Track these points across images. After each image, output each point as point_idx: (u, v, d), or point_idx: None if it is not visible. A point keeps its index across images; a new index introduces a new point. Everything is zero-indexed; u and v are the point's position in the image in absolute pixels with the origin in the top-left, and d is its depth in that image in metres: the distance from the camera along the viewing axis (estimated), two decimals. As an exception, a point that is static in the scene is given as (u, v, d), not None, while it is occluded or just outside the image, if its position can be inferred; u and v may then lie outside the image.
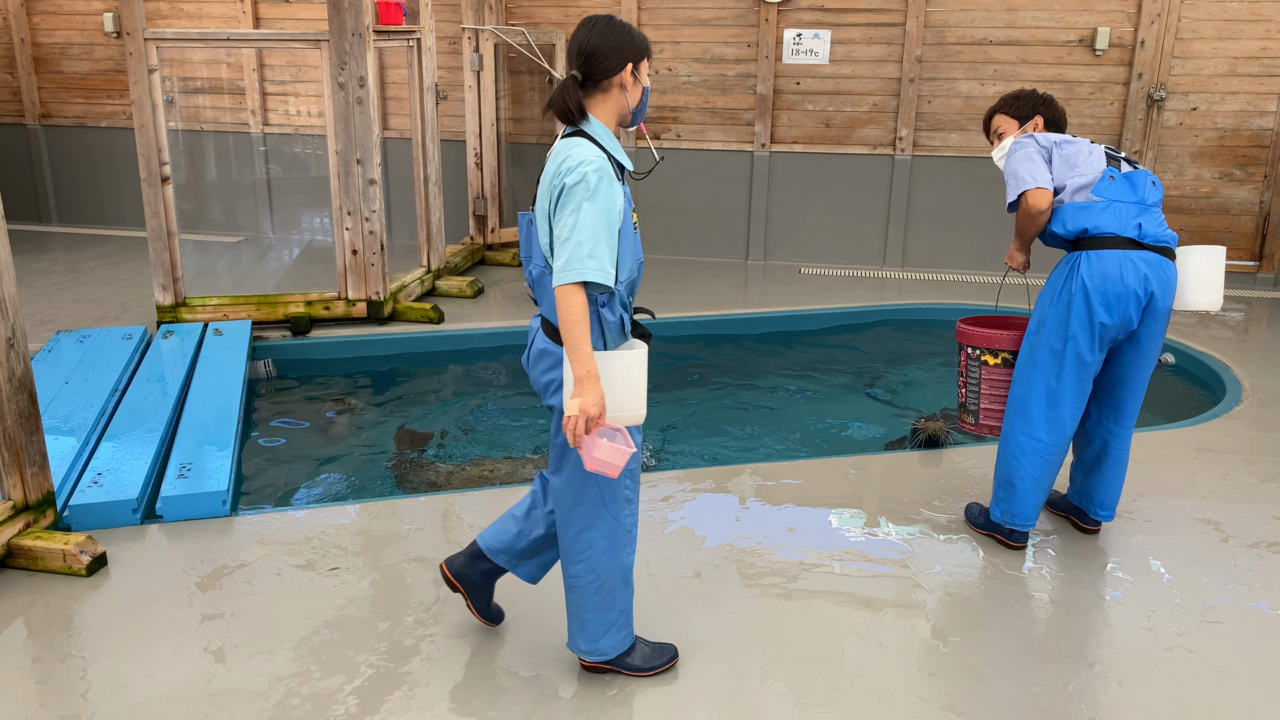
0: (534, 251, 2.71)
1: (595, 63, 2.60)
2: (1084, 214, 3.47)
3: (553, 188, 2.56)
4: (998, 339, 3.74)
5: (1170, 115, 7.70)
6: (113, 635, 3.17)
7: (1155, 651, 3.14)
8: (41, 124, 9.49)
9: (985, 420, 3.84)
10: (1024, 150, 3.56)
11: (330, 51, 5.90)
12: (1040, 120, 3.80)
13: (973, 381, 3.84)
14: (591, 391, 2.47)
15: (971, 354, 3.81)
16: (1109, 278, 3.42)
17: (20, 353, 3.58)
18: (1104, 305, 3.43)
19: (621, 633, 2.93)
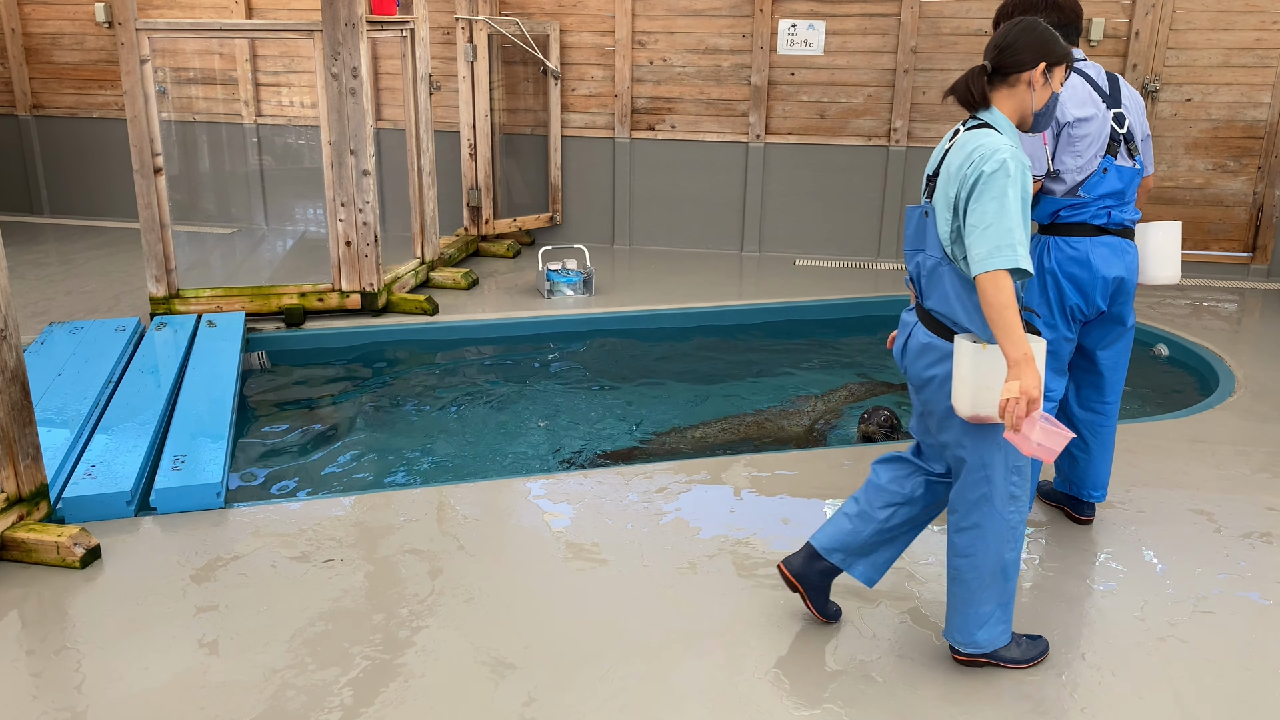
0: (927, 242, 2.73)
1: (1008, 56, 2.68)
2: (1063, 210, 3.48)
3: (964, 177, 2.59)
4: None
5: (1164, 106, 7.70)
6: (107, 628, 3.17)
7: (1148, 641, 3.15)
8: (33, 114, 9.45)
9: None
10: None
11: (323, 42, 5.88)
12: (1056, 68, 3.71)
13: None
14: (1030, 374, 2.47)
15: None
16: (1079, 263, 3.46)
17: (12, 344, 3.57)
18: (1073, 290, 3.48)
19: (999, 627, 2.92)
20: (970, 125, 2.70)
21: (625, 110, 8.41)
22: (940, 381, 2.75)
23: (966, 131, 2.69)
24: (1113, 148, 3.46)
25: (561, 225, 8.78)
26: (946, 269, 2.70)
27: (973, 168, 2.57)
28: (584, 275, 7.06)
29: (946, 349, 2.72)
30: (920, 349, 2.80)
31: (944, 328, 2.74)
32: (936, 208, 2.70)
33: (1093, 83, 3.45)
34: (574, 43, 8.41)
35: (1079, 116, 3.41)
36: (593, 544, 3.70)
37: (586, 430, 5.24)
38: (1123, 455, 4.53)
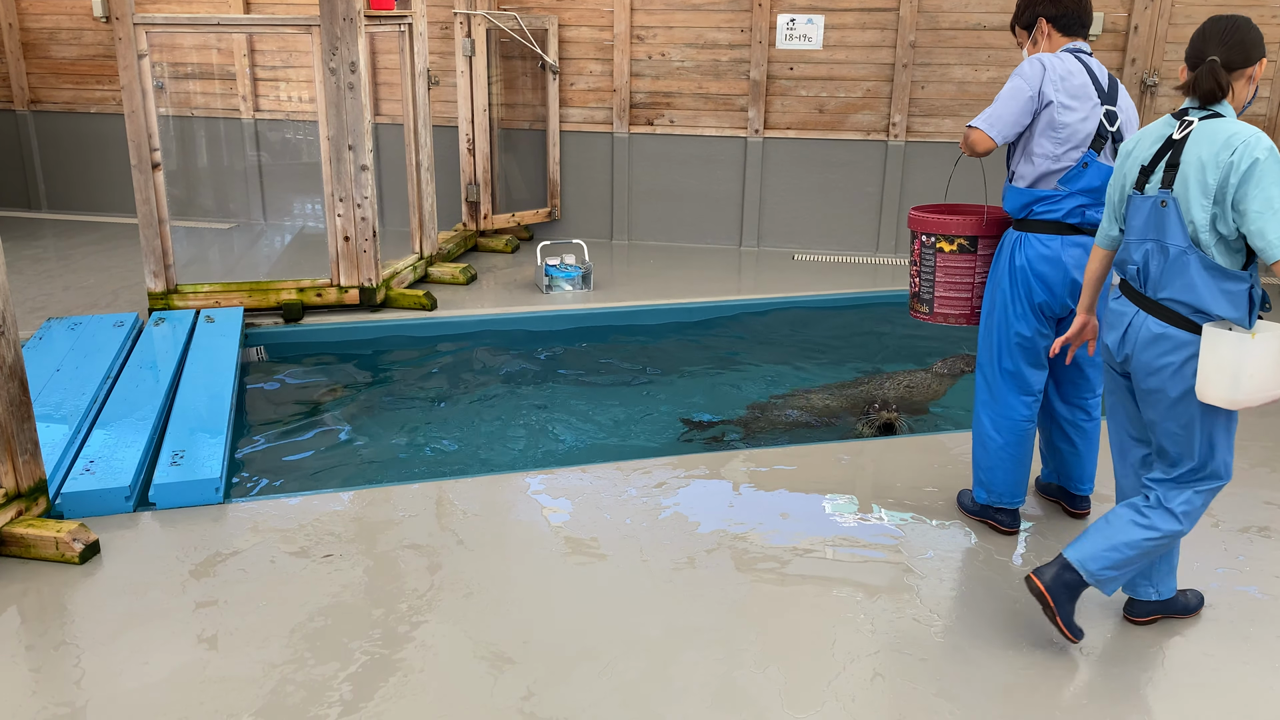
0: (1167, 232, 2.80)
1: (1240, 52, 2.78)
2: (1037, 203, 3.44)
3: (1230, 164, 2.67)
4: (952, 224, 3.63)
5: (1164, 101, 7.70)
6: (106, 623, 3.17)
7: (1146, 635, 3.15)
8: (31, 110, 9.43)
9: (940, 309, 3.73)
10: (1016, 85, 3.36)
11: (321, 36, 5.87)
12: (1045, 23, 3.51)
13: (927, 270, 3.71)
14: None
15: (926, 241, 3.68)
16: (1050, 261, 3.43)
17: (11, 340, 3.57)
18: (1042, 287, 3.46)
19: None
20: (1203, 116, 2.79)
21: (624, 105, 8.40)
22: (1175, 369, 2.83)
23: (1203, 122, 2.77)
24: (1098, 143, 3.39)
25: (560, 220, 8.77)
26: (1193, 257, 2.75)
27: (1239, 155, 2.66)
28: (582, 270, 7.06)
29: (1183, 338, 2.80)
30: (1152, 339, 2.86)
31: (1179, 318, 2.80)
32: (1186, 197, 2.75)
33: (1093, 76, 3.41)
34: (572, 37, 8.40)
35: (1065, 103, 3.33)
36: (591, 539, 3.71)
37: (586, 427, 5.24)
38: (1121, 450, 4.53)
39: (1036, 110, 3.35)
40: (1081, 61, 3.42)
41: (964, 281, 3.68)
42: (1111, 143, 3.41)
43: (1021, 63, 3.40)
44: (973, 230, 3.62)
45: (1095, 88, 3.39)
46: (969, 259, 3.64)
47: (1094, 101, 3.37)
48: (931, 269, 3.70)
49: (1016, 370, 3.61)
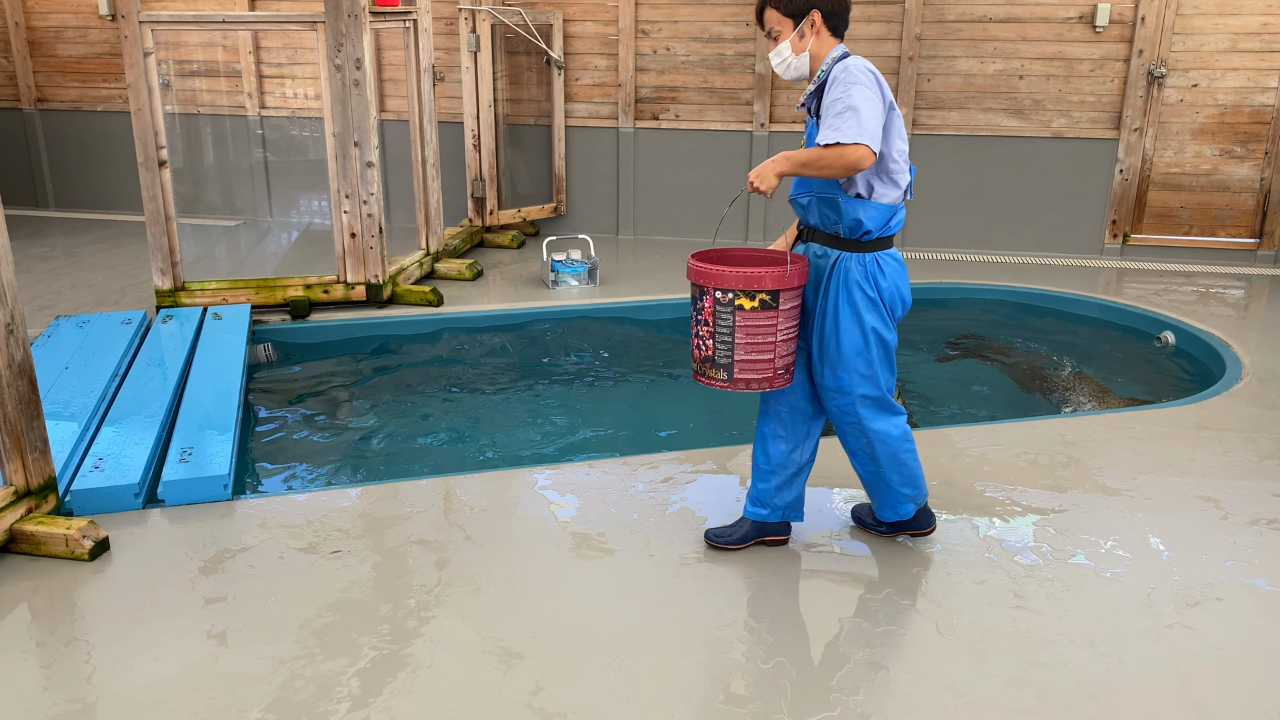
0: None
1: None
2: (894, 217, 3.19)
3: None
4: (763, 278, 3.11)
5: (1171, 92, 7.67)
6: (116, 619, 3.18)
7: (1155, 629, 3.15)
8: (37, 108, 9.45)
9: (743, 374, 3.23)
10: (866, 94, 2.96)
11: (326, 33, 5.87)
12: (818, 17, 3.14)
13: (724, 330, 3.18)
14: None
15: (723, 298, 3.15)
16: (902, 276, 3.28)
17: (20, 338, 3.58)
18: (903, 304, 3.31)
19: None
20: None
21: (629, 100, 8.39)
22: None
23: None
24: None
25: (566, 215, 8.77)
26: None
27: None
28: (588, 266, 7.06)
29: None
30: None
31: None
32: None
33: None
34: (577, 32, 8.39)
35: (895, 107, 3.09)
36: (599, 534, 3.71)
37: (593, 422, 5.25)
38: (1128, 442, 4.53)
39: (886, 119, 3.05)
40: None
41: (767, 342, 3.19)
42: None
43: (845, 70, 3.00)
44: (778, 284, 3.11)
45: None
46: (771, 316, 3.14)
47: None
48: (729, 329, 3.17)
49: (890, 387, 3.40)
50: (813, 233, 3.30)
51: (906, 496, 3.51)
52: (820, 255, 3.28)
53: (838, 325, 3.25)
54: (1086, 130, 7.83)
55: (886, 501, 3.53)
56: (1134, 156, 7.78)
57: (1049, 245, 8.07)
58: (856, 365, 3.28)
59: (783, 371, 3.26)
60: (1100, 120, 7.81)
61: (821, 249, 3.27)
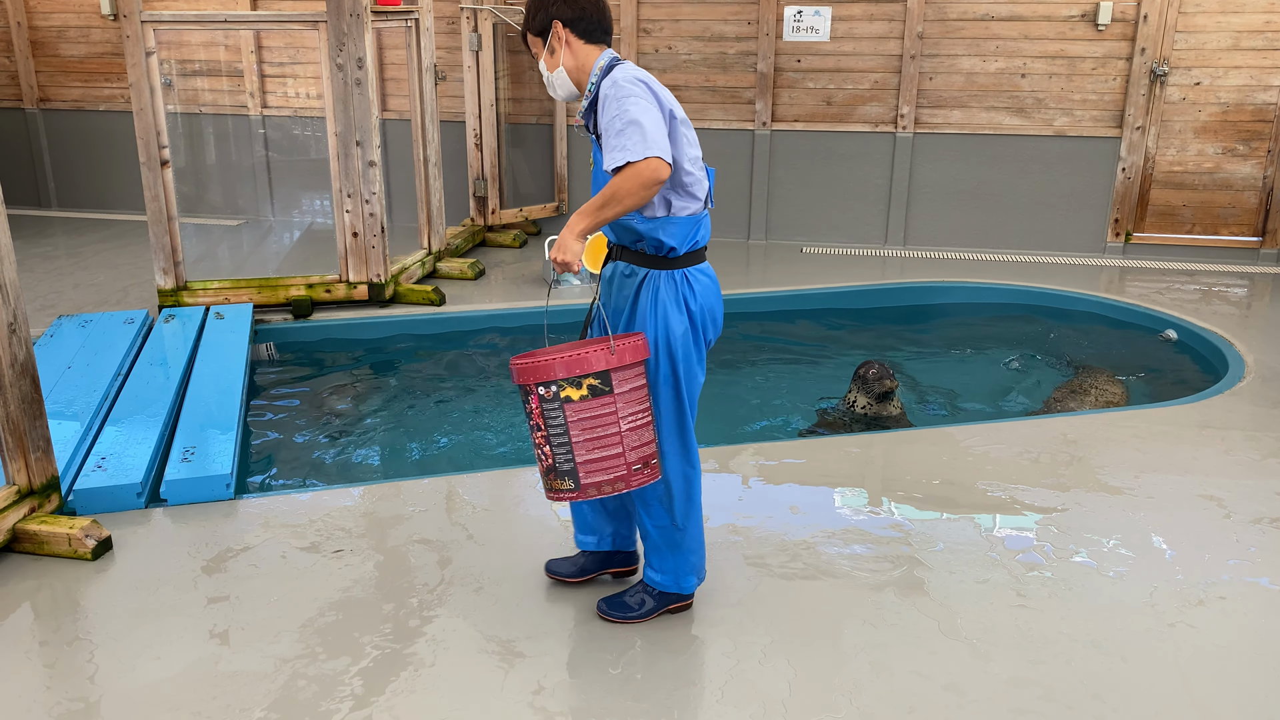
0: None
1: None
2: (697, 229, 2.94)
3: None
4: (586, 360, 2.70)
5: (1173, 90, 7.66)
6: (119, 618, 3.19)
7: (1158, 628, 3.15)
8: (40, 108, 9.46)
9: (587, 479, 2.77)
10: (640, 104, 2.68)
11: (328, 33, 5.87)
12: (560, 28, 2.87)
13: (557, 431, 2.74)
14: None
15: (546, 394, 2.72)
16: (714, 293, 3.01)
17: (22, 338, 3.58)
18: (714, 324, 3.04)
19: None
20: None
21: (631, 99, 8.38)
22: None
23: None
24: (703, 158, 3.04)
25: (568, 214, 8.77)
26: None
27: None
28: (591, 265, 7.05)
29: None
30: None
31: None
32: None
33: None
34: (579, 31, 8.38)
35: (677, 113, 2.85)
36: (601, 533, 3.71)
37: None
38: (1131, 441, 4.52)
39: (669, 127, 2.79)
40: None
41: (610, 435, 2.75)
42: None
43: (614, 85, 2.74)
44: (604, 364, 2.72)
45: None
46: (607, 402, 2.73)
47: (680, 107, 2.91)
48: (562, 428, 2.74)
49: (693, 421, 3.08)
50: (621, 251, 2.99)
51: (692, 567, 3.13)
52: (628, 274, 2.98)
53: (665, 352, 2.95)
54: (1089, 129, 7.82)
55: (672, 568, 3.12)
56: (1136, 155, 7.77)
57: (1051, 244, 8.06)
58: (663, 397, 2.97)
59: (639, 466, 2.80)
60: (1102, 119, 7.80)
61: (629, 267, 2.97)
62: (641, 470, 2.82)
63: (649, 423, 2.85)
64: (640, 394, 2.82)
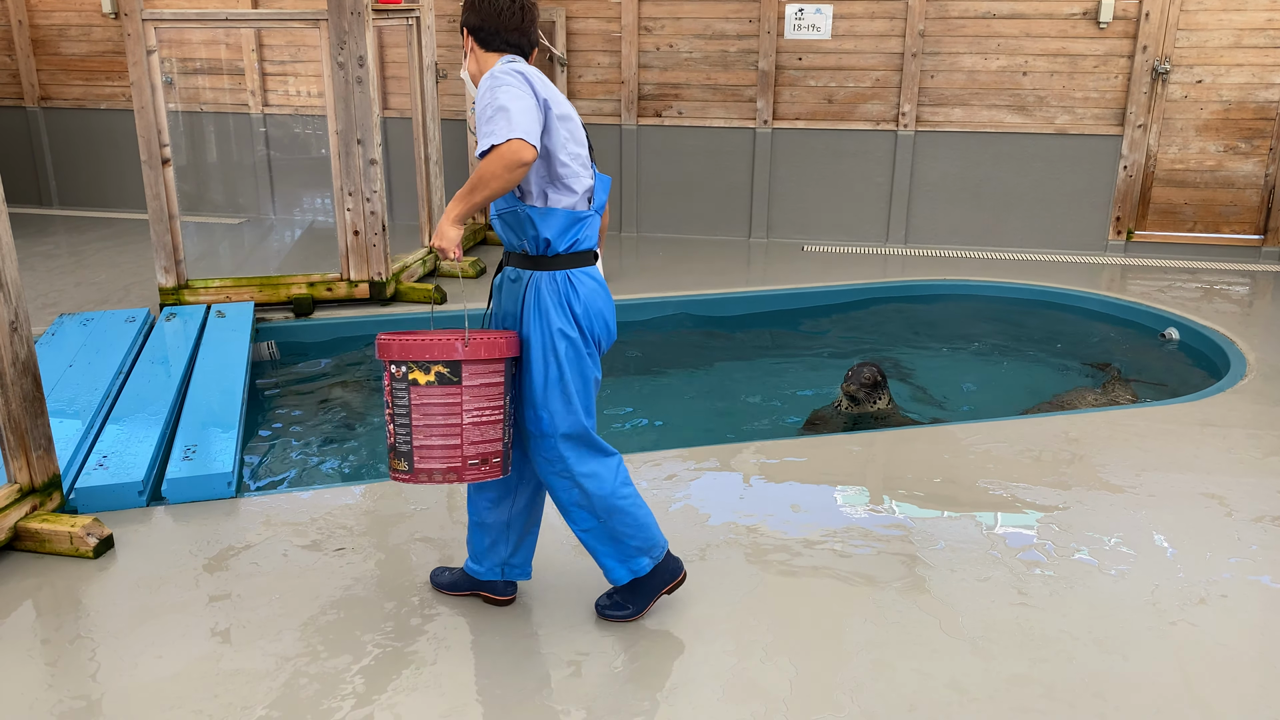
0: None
1: None
2: (577, 226, 2.89)
3: None
4: (433, 347, 2.74)
5: (1175, 88, 7.65)
6: (121, 617, 3.19)
7: (1159, 626, 3.14)
8: (41, 106, 9.46)
9: (421, 464, 2.79)
10: (513, 92, 2.71)
11: (329, 31, 5.87)
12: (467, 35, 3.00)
13: (401, 411, 2.78)
14: None
15: (397, 373, 2.77)
16: (601, 298, 2.96)
17: (24, 336, 3.58)
18: (604, 328, 3.00)
19: None
20: None
21: (632, 97, 8.38)
22: None
23: None
24: (592, 154, 3.00)
25: (569, 213, 8.76)
26: None
27: None
28: (592, 263, 7.05)
29: None
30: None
31: None
32: None
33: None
34: (580, 29, 8.38)
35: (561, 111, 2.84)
36: (602, 531, 3.71)
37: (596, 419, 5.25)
38: (1132, 439, 4.52)
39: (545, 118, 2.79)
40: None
41: (449, 425, 2.78)
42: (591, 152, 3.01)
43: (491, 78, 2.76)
44: (450, 355, 2.75)
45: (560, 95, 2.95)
46: (453, 393, 2.76)
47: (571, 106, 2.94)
48: (406, 410, 2.78)
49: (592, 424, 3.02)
50: (508, 256, 3.00)
51: (636, 549, 3.07)
52: (514, 278, 2.96)
53: (529, 354, 2.91)
54: (1090, 127, 7.81)
55: (617, 558, 3.08)
56: (1138, 153, 7.77)
57: (1052, 242, 8.06)
58: (552, 401, 2.91)
59: (476, 462, 2.81)
60: (1104, 117, 7.79)
61: (515, 271, 2.96)
62: (479, 466, 2.82)
63: (498, 421, 2.85)
64: (493, 392, 2.82)
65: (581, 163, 2.90)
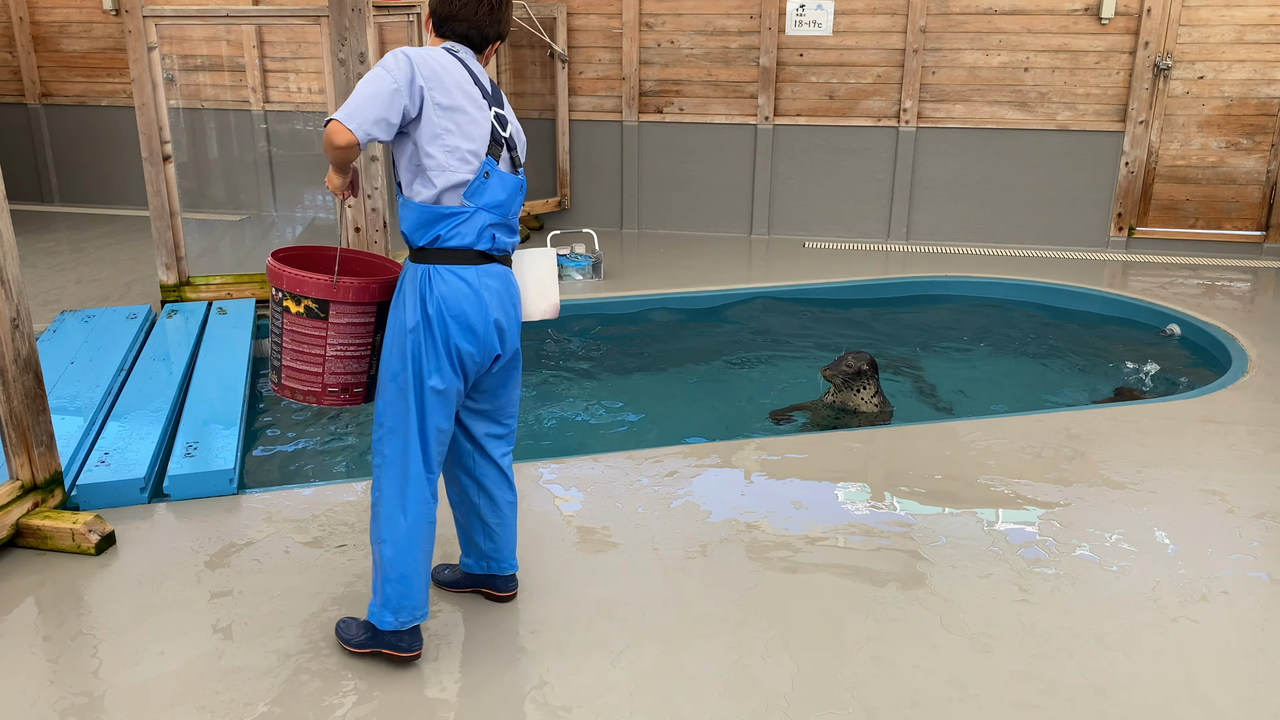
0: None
1: None
2: (441, 222, 2.79)
3: None
4: (304, 283, 2.83)
5: (1176, 84, 7.64)
6: (122, 613, 3.19)
7: (1160, 622, 3.15)
8: (42, 103, 9.46)
9: (287, 381, 2.96)
10: (376, 75, 2.70)
11: (330, 27, 5.87)
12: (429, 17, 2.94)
13: (276, 330, 2.97)
14: None
15: (275, 295, 2.92)
16: (466, 300, 2.81)
17: (25, 333, 3.59)
18: (464, 332, 2.82)
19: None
20: None
21: (633, 93, 8.38)
22: None
23: None
24: (494, 150, 2.84)
25: (570, 209, 8.76)
26: None
27: None
28: (593, 260, 7.06)
29: None
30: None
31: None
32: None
33: (474, 76, 2.85)
34: (581, 25, 8.37)
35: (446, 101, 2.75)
36: (603, 528, 3.71)
37: (598, 416, 5.25)
38: (1134, 436, 4.52)
39: (410, 108, 2.73)
40: (459, 60, 2.84)
41: (313, 353, 2.89)
42: (508, 151, 2.89)
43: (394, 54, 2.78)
44: (323, 294, 2.83)
45: (478, 88, 2.84)
46: (319, 326, 2.86)
47: (479, 101, 2.82)
48: (279, 331, 2.93)
49: (427, 436, 2.86)
50: None
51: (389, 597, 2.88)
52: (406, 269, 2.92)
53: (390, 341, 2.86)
54: (1092, 123, 7.81)
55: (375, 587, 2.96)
56: (1139, 149, 7.76)
57: (1054, 238, 8.05)
58: (387, 391, 2.85)
59: (336, 390, 2.92)
60: (1105, 113, 7.78)
61: (406, 260, 2.91)
62: (339, 394, 2.96)
63: (363, 357, 2.95)
64: (361, 331, 2.92)
65: (460, 157, 2.77)
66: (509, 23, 2.98)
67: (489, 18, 2.88)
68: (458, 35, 2.89)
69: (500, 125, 2.87)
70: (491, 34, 2.92)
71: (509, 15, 2.97)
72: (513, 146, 2.92)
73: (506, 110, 2.94)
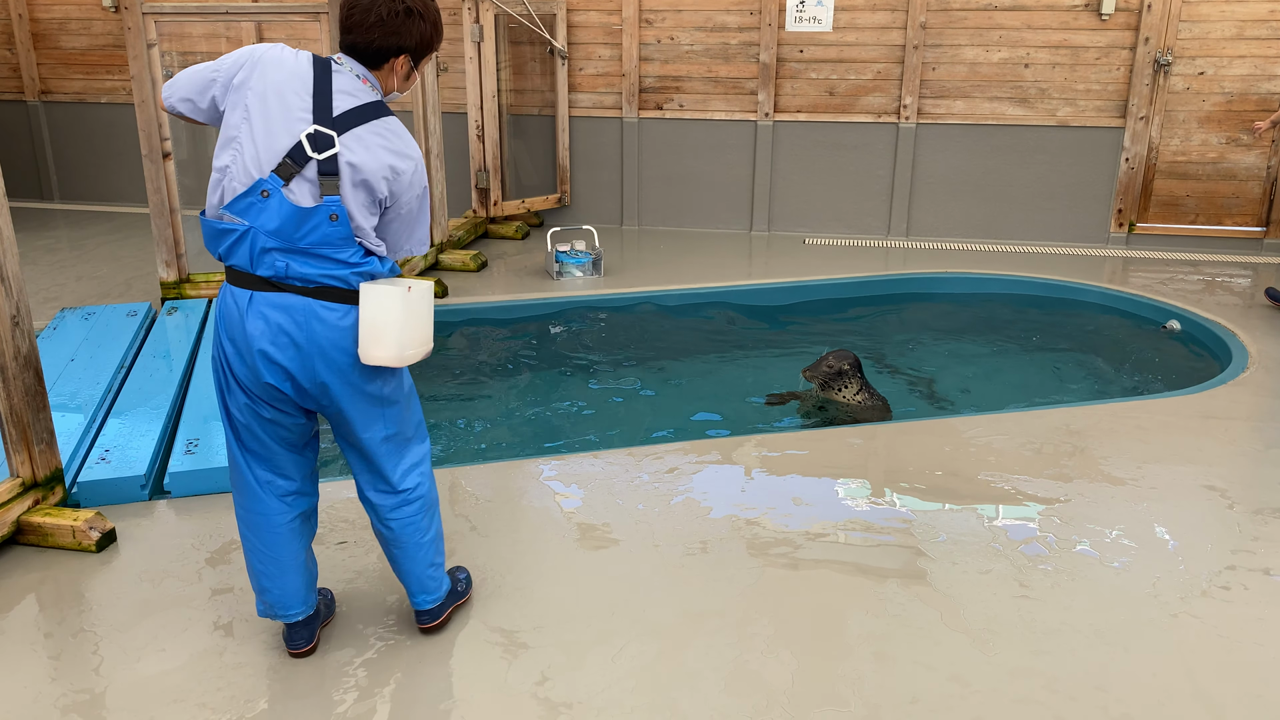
0: None
1: None
2: (220, 238, 2.60)
3: None
4: None
5: (1177, 80, 7.63)
6: (123, 610, 3.20)
7: (1161, 618, 3.15)
8: (41, 100, 9.45)
9: None
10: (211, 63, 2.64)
11: (329, 24, 5.86)
12: None
13: None
14: None
15: None
16: (233, 323, 2.62)
17: (25, 330, 3.59)
18: (235, 355, 2.65)
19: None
20: None
21: (633, 89, 8.37)
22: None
23: None
24: (285, 170, 2.52)
25: (570, 206, 8.76)
26: None
27: None
28: (593, 256, 7.05)
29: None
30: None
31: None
32: None
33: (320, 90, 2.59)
34: (581, 21, 8.36)
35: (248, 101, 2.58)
36: (604, 524, 3.72)
37: (598, 413, 5.25)
38: (1134, 432, 4.52)
39: (219, 100, 2.61)
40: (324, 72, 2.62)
41: None
42: (319, 181, 2.53)
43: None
44: None
45: (314, 102, 2.56)
46: None
47: (298, 115, 2.54)
48: None
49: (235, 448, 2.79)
50: None
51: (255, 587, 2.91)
52: None
53: None
54: (1092, 119, 7.80)
55: None
56: (1140, 145, 7.75)
57: (1054, 235, 8.05)
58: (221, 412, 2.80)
59: None
60: (1106, 109, 7.77)
61: None
62: None
63: None
64: None
65: (242, 167, 2.55)
66: (418, 35, 2.67)
67: (380, 29, 2.61)
68: (345, 46, 2.69)
69: (314, 147, 2.51)
70: (388, 47, 2.64)
71: (416, 27, 2.65)
72: (330, 175, 2.52)
73: (351, 139, 2.55)
